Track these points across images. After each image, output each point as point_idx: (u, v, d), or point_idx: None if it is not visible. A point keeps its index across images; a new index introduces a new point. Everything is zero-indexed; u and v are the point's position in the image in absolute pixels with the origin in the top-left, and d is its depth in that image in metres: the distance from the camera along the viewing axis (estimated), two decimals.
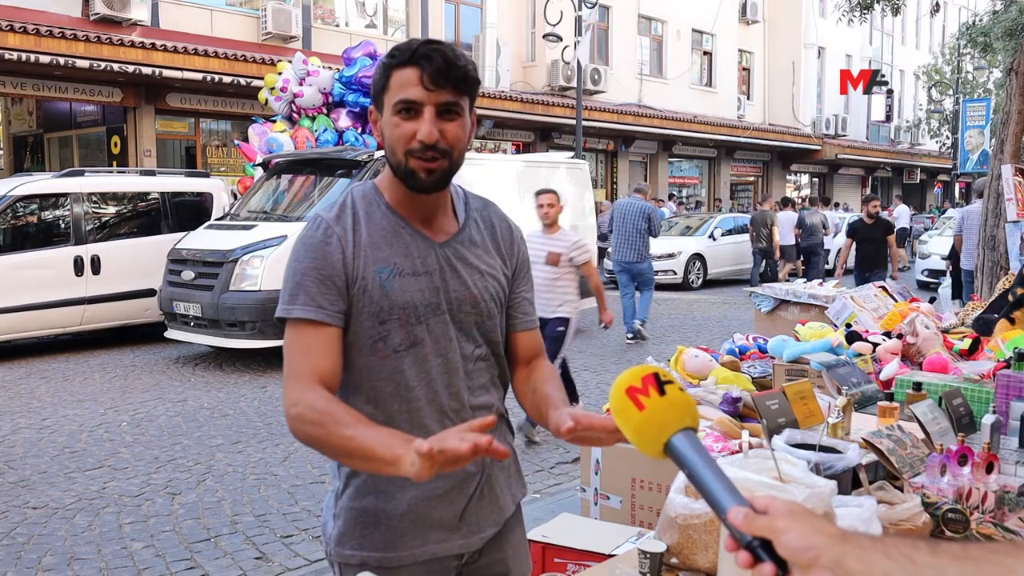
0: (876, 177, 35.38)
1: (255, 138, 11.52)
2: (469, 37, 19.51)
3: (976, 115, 19.81)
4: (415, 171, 1.47)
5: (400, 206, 1.54)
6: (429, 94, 1.43)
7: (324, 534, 1.60)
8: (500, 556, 1.64)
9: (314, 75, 11.15)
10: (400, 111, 1.45)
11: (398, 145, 1.47)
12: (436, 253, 1.54)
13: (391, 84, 1.47)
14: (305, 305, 1.46)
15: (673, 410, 0.94)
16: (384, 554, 1.52)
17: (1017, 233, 7.54)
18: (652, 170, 25.16)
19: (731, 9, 26.18)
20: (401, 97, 1.45)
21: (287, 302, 1.48)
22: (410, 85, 1.44)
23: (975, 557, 0.75)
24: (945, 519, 1.75)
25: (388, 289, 1.48)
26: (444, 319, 1.52)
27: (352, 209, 1.53)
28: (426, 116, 1.44)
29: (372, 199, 1.56)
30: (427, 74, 1.43)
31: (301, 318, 1.46)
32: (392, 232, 1.52)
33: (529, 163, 11.18)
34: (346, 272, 1.48)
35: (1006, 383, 2.45)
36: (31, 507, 4.59)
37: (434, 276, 1.52)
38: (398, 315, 1.49)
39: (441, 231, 1.57)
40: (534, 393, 1.61)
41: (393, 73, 1.46)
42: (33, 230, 9.28)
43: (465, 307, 1.55)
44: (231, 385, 7.65)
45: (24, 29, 12.07)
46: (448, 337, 1.53)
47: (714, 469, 0.90)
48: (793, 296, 5.20)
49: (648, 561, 1.57)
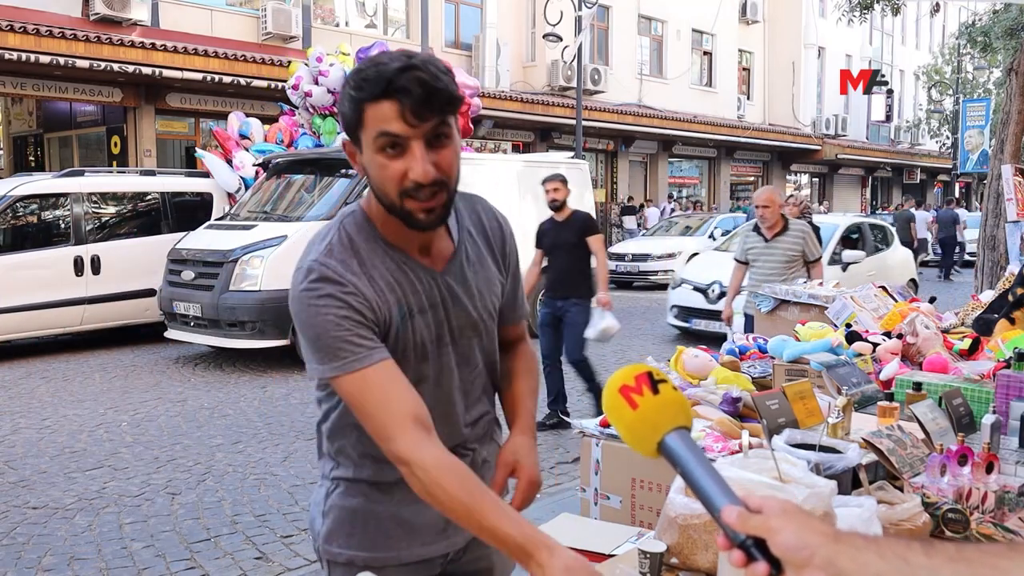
0: (876, 177, 35.38)
1: (234, 122, 11.55)
2: (469, 37, 19.52)
3: (976, 115, 19.82)
4: (412, 213, 1.35)
5: (398, 239, 1.44)
6: (414, 129, 1.28)
7: (312, 529, 1.60)
8: (485, 552, 1.64)
9: (325, 74, 11.15)
10: (383, 148, 1.30)
11: (389, 186, 1.33)
12: (438, 283, 1.47)
13: (366, 119, 1.30)
14: (357, 348, 1.34)
15: (666, 409, 0.93)
16: (371, 554, 1.52)
17: (1017, 233, 7.54)
18: (652, 170, 25.17)
19: (731, 9, 26.18)
20: (382, 130, 1.29)
21: (331, 359, 1.34)
22: (390, 120, 1.28)
23: (969, 558, 0.75)
24: (945, 519, 1.75)
25: (403, 331, 1.43)
26: (447, 351, 1.50)
27: (352, 248, 1.41)
28: (416, 153, 1.29)
29: (368, 234, 1.43)
30: (408, 108, 1.27)
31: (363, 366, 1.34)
32: (397, 269, 1.43)
33: (529, 163, 11.17)
34: (376, 316, 1.39)
35: (1006, 383, 2.45)
36: (31, 507, 4.59)
37: (438, 309, 1.47)
38: (409, 356, 1.45)
39: (439, 258, 1.49)
40: (507, 385, 1.67)
41: (366, 107, 1.29)
42: (33, 230, 9.28)
43: (467, 332, 1.53)
44: (231, 385, 7.65)
45: (24, 29, 12.07)
46: (449, 368, 1.51)
47: (707, 468, 0.90)
48: (793, 296, 5.20)
49: (648, 561, 1.57)
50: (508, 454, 1.56)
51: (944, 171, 34.13)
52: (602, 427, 2.79)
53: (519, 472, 1.53)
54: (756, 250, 5.86)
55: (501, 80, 19.56)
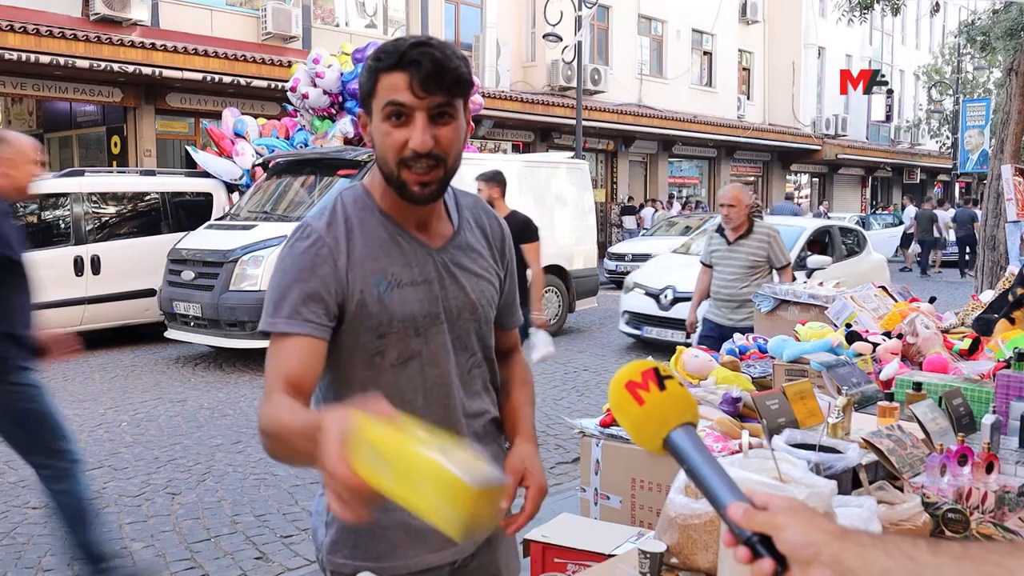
0: (876, 177, 35.39)
1: (229, 118, 11.54)
2: (469, 37, 19.51)
3: (976, 115, 19.80)
4: (407, 184, 1.40)
5: (395, 212, 1.48)
6: (419, 100, 1.36)
7: (315, 540, 1.58)
8: (492, 558, 1.64)
9: (321, 76, 11.15)
10: (390, 116, 1.38)
11: (389, 154, 1.39)
12: (434, 260, 1.49)
13: (379, 88, 1.39)
14: (289, 318, 1.39)
15: (673, 405, 0.93)
16: (378, 564, 1.50)
17: (1017, 233, 7.55)
18: (652, 170, 25.17)
19: (731, 9, 26.18)
20: (391, 99, 1.37)
21: (271, 314, 1.41)
22: (399, 90, 1.36)
23: (975, 557, 0.75)
24: (945, 519, 1.75)
25: (387, 302, 1.43)
26: (442, 329, 1.49)
27: (344, 215, 1.46)
28: (418, 123, 1.36)
29: (365, 204, 1.48)
30: (416, 80, 1.34)
31: (285, 332, 1.38)
32: (389, 240, 1.46)
33: (529, 163, 11.18)
34: (339, 286, 1.41)
35: (1006, 383, 2.45)
36: (31, 507, 4.59)
37: (433, 285, 1.48)
38: (397, 328, 1.44)
39: (437, 235, 1.51)
40: (505, 396, 1.67)
41: (380, 77, 1.38)
42: (33, 230, 9.28)
43: (464, 314, 1.52)
44: (231, 385, 7.65)
45: (24, 29, 12.07)
46: (445, 348, 1.50)
47: (713, 465, 0.89)
48: (793, 296, 5.19)
49: (648, 561, 1.57)
50: (516, 461, 1.55)
51: (944, 171, 34.12)
52: (602, 427, 2.79)
53: (528, 479, 1.52)
54: (719, 253, 5.33)
55: (501, 80, 19.55)
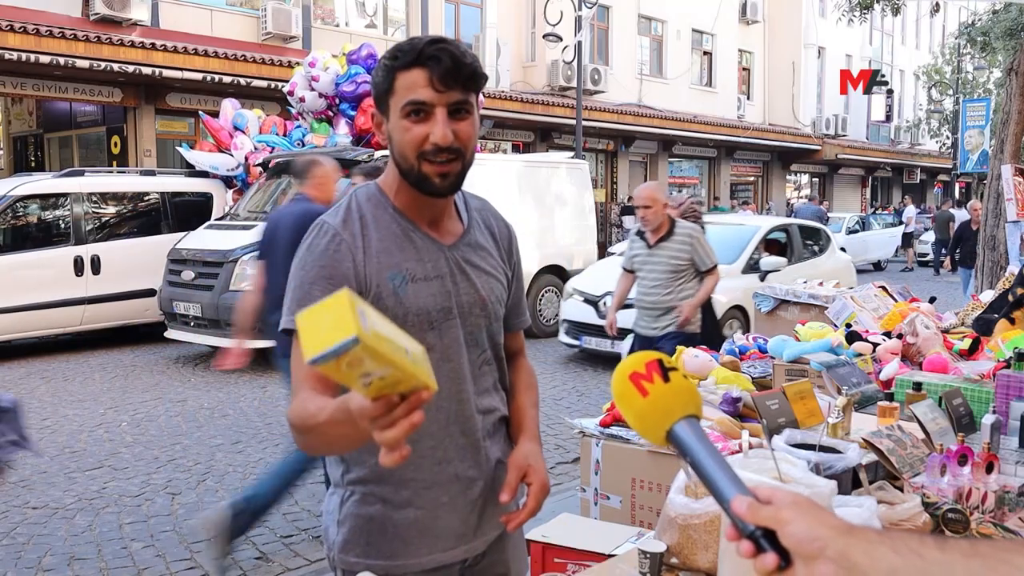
0: (876, 177, 35.38)
1: (229, 109, 11.53)
2: (469, 37, 19.49)
3: (976, 115, 19.78)
4: (428, 176, 1.43)
5: (408, 209, 1.51)
6: (439, 95, 1.39)
7: (327, 539, 1.58)
8: (502, 557, 1.65)
9: (317, 79, 11.15)
10: (410, 113, 1.41)
11: (409, 149, 1.43)
12: (446, 256, 1.52)
13: (396, 87, 1.42)
14: None
15: (677, 397, 0.92)
16: (390, 562, 1.50)
17: (1017, 233, 7.55)
18: (652, 170, 25.15)
19: (731, 9, 26.17)
20: (411, 99, 1.40)
21: (294, 312, 1.40)
22: (418, 87, 1.39)
23: (984, 554, 0.74)
24: (945, 519, 1.75)
25: (402, 296, 1.46)
26: (455, 323, 1.51)
27: (359, 212, 1.49)
28: (439, 118, 1.40)
29: (378, 202, 1.51)
30: (436, 75, 1.38)
31: None
32: (402, 236, 1.49)
33: (529, 163, 11.17)
34: (357, 280, 1.43)
35: (1006, 383, 2.45)
36: (31, 507, 4.59)
37: (445, 280, 1.50)
38: (412, 322, 1.45)
39: (448, 233, 1.55)
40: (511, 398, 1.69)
41: (398, 75, 1.41)
42: (33, 230, 9.29)
43: (475, 310, 1.54)
44: (231, 385, 7.65)
45: (24, 29, 12.06)
46: (458, 342, 1.52)
47: (717, 458, 0.88)
48: (793, 296, 5.20)
49: (648, 561, 1.57)
50: (520, 458, 1.56)
51: (944, 171, 34.12)
52: (602, 427, 2.79)
53: (531, 476, 1.54)
54: (640, 258, 5.07)
55: (501, 80, 19.55)
